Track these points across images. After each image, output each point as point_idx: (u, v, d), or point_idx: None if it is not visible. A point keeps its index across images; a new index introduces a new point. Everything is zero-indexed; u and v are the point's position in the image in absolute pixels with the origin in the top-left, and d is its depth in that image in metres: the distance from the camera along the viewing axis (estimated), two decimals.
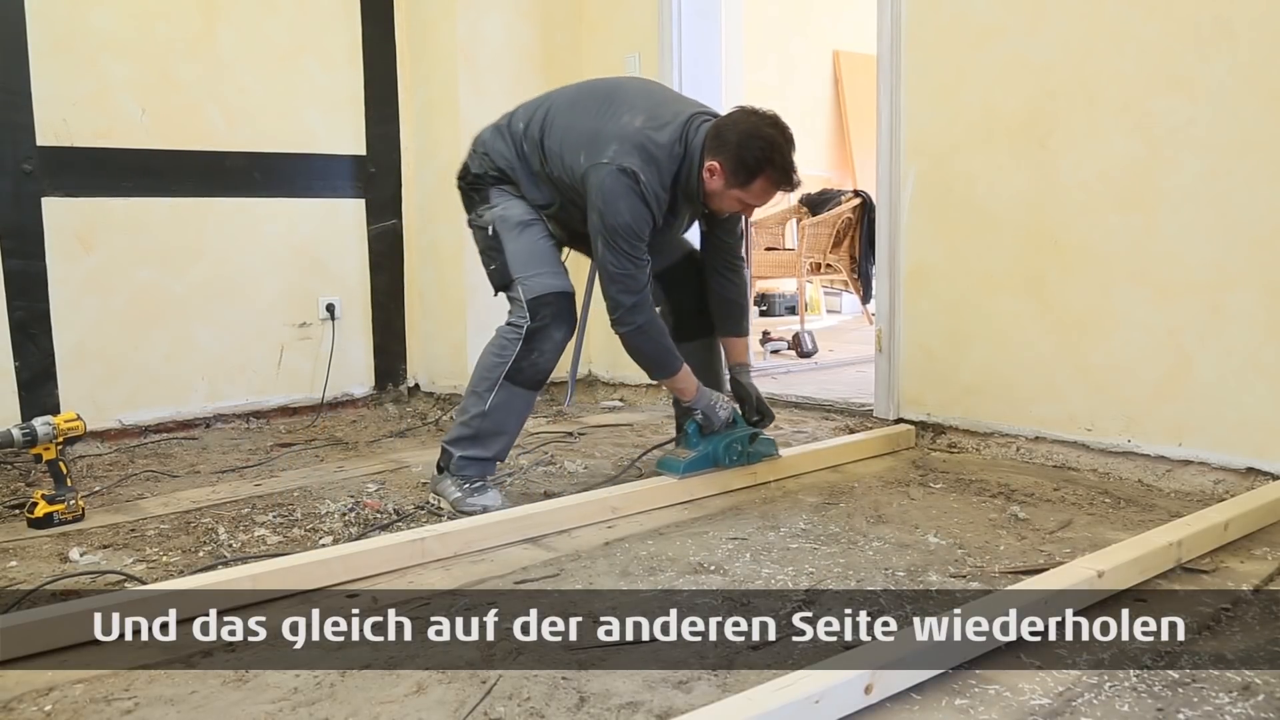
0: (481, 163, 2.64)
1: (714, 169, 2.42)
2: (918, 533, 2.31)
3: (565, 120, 2.53)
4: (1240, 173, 2.54)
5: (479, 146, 2.67)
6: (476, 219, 2.66)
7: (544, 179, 2.57)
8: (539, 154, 2.55)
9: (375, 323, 4.02)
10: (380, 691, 1.55)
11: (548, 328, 2.54)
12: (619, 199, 2.39)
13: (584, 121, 2.50)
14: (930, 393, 3.20)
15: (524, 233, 2.58)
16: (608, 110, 2.50)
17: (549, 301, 2.55)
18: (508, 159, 2.60)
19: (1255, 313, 2.55)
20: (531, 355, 2.54)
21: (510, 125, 2.63)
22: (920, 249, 3.20)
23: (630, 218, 2.41)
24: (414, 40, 4.01)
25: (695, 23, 3.88)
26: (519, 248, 2.57)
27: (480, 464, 2.61)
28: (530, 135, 2.57)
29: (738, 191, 2.44)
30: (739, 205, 2.52)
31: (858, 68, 7.35)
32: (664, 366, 2.58)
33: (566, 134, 2.51)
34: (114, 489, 2.82)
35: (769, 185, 2.43)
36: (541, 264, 2.57)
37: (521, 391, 2.58)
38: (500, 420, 2.59)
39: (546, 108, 2.59)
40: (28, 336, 3.20)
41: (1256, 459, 2.56)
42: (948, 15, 3.07)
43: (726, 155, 2.39)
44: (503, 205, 2.60)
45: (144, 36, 3.38)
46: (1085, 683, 1.55)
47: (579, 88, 2.70)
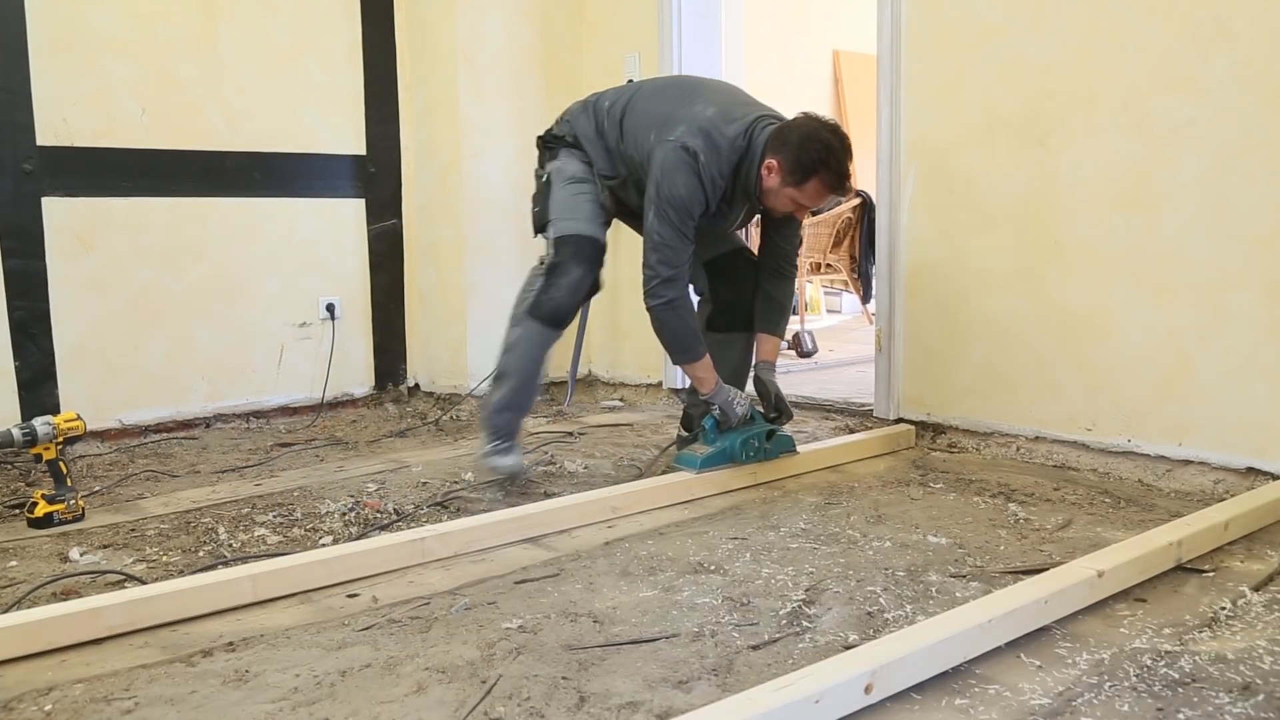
0: (562, 128, 2.84)
1: (772, 166, 2.55)
2: (918, 533, 2.31)
3: (645, 104, 2.72)
4: (1240, 172, 2.55)
5: (565, 115, 2.87)
6: (539, 171, 2.86)
7: (617, 155, 2.74)
8: (617, 131, 2.72)
9: (375, 323, 4.03)
10: (380, 691, 1.55)
11: (566, 263, 2.69)
12: (677, 172, 2.54)
13: (662, 107, 2.68)
14: (930, 392, 3.20)
15: (572, 185, 2.76)
16: (685, 99, 2.67)
17: (571, 240, 2.70)
18: (586, 132, 2.78)
19: (1255, 312, 2.55)
20: (550, 290, 2.69)
21: (596, 103, 2.82)
22: (920, 249, 3.20)
23: (685, 192, 2.54)
24: (414, 40, 4.01)
25: (695, 23, 3.88)
26: (563, 196, 2.76)
27: (509, 414, 2.79)
28: (612, 114, 2.75)
29: (792, 190, 2.55)
30: (792, 205, 2.62)
31: (858, 67, 7.35)
32: (687, 350, 2.66)
33: (644, 115, 2.69)
34: (114, 489, 2.82)
35: (822, 187, 2.55)
36: (577, 213, 2.74)
37: (539, 327, 2.72)
38: (519, 357, 2.75)
39: (633, 92, 2.79)
40: (28, 336, 3.20)
41: (1256, 459, 2.57)
42: (948, 15, 3.07)
43: (785, 154, 2.52)
44: (564, 160, 2.80)
45: (144, 36, 3.38)
46: (1085, 683, 1.55)
47: (667, 79, 2.98)
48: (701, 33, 3.91)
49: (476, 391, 3.95)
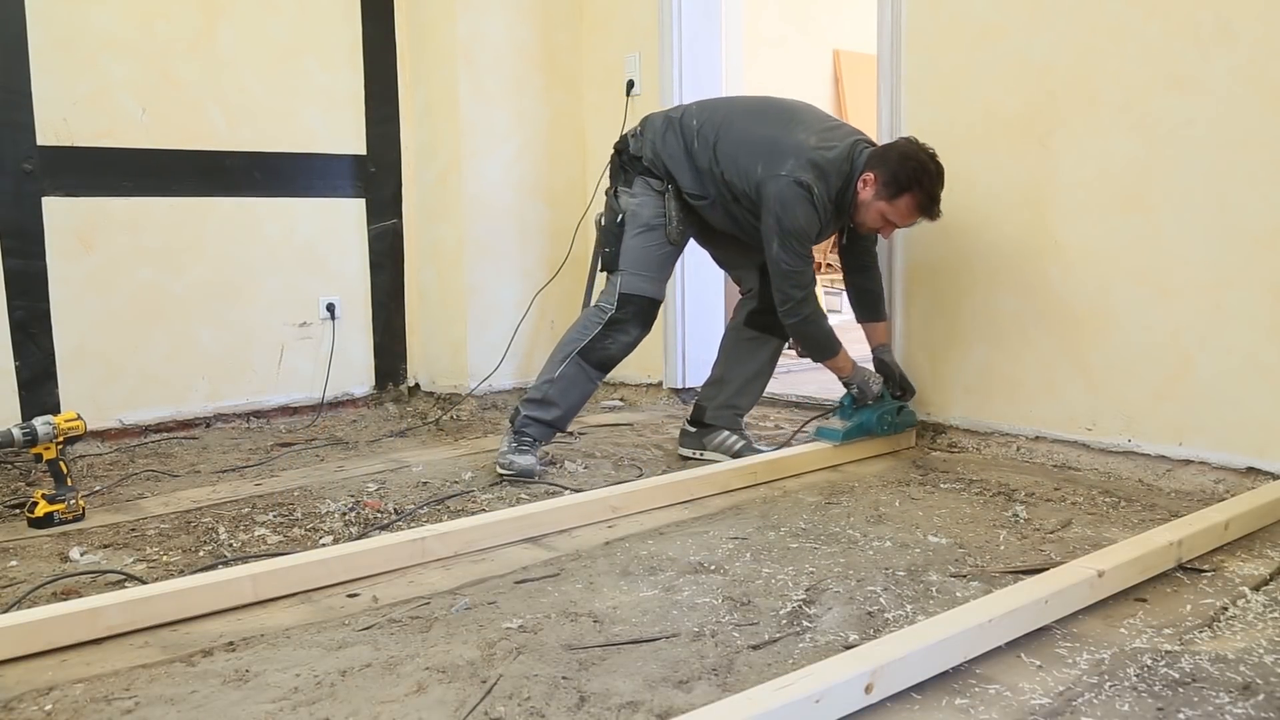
0: (641, 146, 2.89)
1: (868, 180, 2.69)
2: (918, 532, 2.31)
3: (742, 129, 2.79)
4: (1241, 172, 2.54)
5: (647, 131, 2.91)
6: (614, 198, 2.93)
7: (708, 175, 2.81)
8: (710, 154, 2.79)
9: (375, 322, 4.02)
10: (380, 691, 1.55)
11: (628, 323, 2.85)
12: (795, 206, 2.67)
13: (760, 133, 2.77)
14: (930, 392, 3.20)
15: (646, 234, 2.86)
16: (783, 125, 2.77)
17: (636, 301, 2.84)
18: (673, 153, 2.84)
19: (1256, 312, 2.55)
20: (606, 341, 2.85)
21: (683, 120, 2.88)
22: (920, 248, 3.20)
23: (804, 223, 2.70)
24: (414, 39, 4.01)
25: (696, 22, 3.88)
26: (635, 245, 2.86)
27: (539, 426, 2.89)
28: (704, 135, 2.82)
29: (884, 204, 2.69)
30: (880, 220, 2.74)
31: (858, 67, 7.35)
32: (828, 349, 2.87)
33: (742, 143, 2.77)
34: (114, 488, 2.82)
35: (914, 205, 2.68)
36: (648, 267, 2.86)
37: (588, 369, 2.86)
38: (563, 390, 2.86)
39: (725, 114, 2.85)
40: (28, 336, 3.20)
41: (1257, 459, 2.56)
42: (948, 15, 3.07)
43: (884, 169, 2.66)
44: (640, 200, 2.87)
45: (144, 36, 3.38)
46: (1085, 683, 1.55)
47: (752, 101, 3.00)
48: (702, 32, 3.91)
49: (477, 391, 3.95)
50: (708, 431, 3.08)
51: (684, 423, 3.17)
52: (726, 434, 3.06)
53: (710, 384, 3.14)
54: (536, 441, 2.89)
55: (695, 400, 3.18)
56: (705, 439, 3.08)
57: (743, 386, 3.10)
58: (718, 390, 3.10)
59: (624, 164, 2.92)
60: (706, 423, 3.08)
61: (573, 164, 4.25)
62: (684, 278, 3.90)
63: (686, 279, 3.93)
